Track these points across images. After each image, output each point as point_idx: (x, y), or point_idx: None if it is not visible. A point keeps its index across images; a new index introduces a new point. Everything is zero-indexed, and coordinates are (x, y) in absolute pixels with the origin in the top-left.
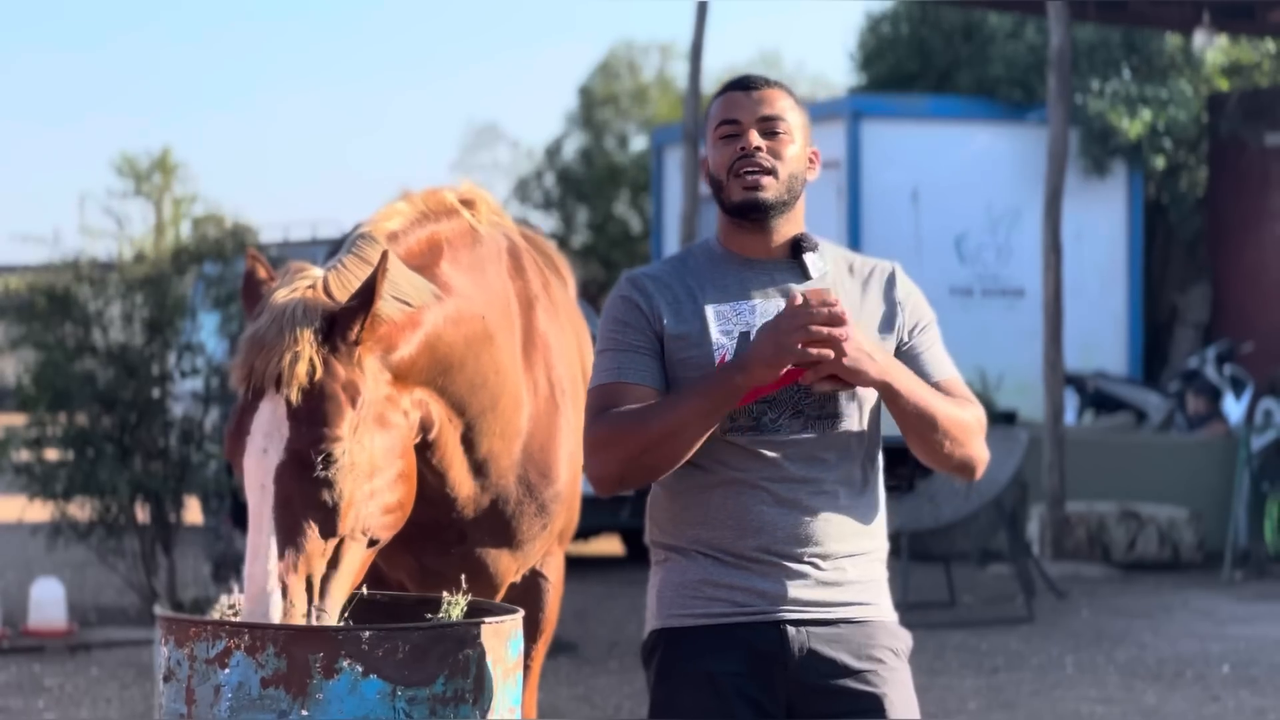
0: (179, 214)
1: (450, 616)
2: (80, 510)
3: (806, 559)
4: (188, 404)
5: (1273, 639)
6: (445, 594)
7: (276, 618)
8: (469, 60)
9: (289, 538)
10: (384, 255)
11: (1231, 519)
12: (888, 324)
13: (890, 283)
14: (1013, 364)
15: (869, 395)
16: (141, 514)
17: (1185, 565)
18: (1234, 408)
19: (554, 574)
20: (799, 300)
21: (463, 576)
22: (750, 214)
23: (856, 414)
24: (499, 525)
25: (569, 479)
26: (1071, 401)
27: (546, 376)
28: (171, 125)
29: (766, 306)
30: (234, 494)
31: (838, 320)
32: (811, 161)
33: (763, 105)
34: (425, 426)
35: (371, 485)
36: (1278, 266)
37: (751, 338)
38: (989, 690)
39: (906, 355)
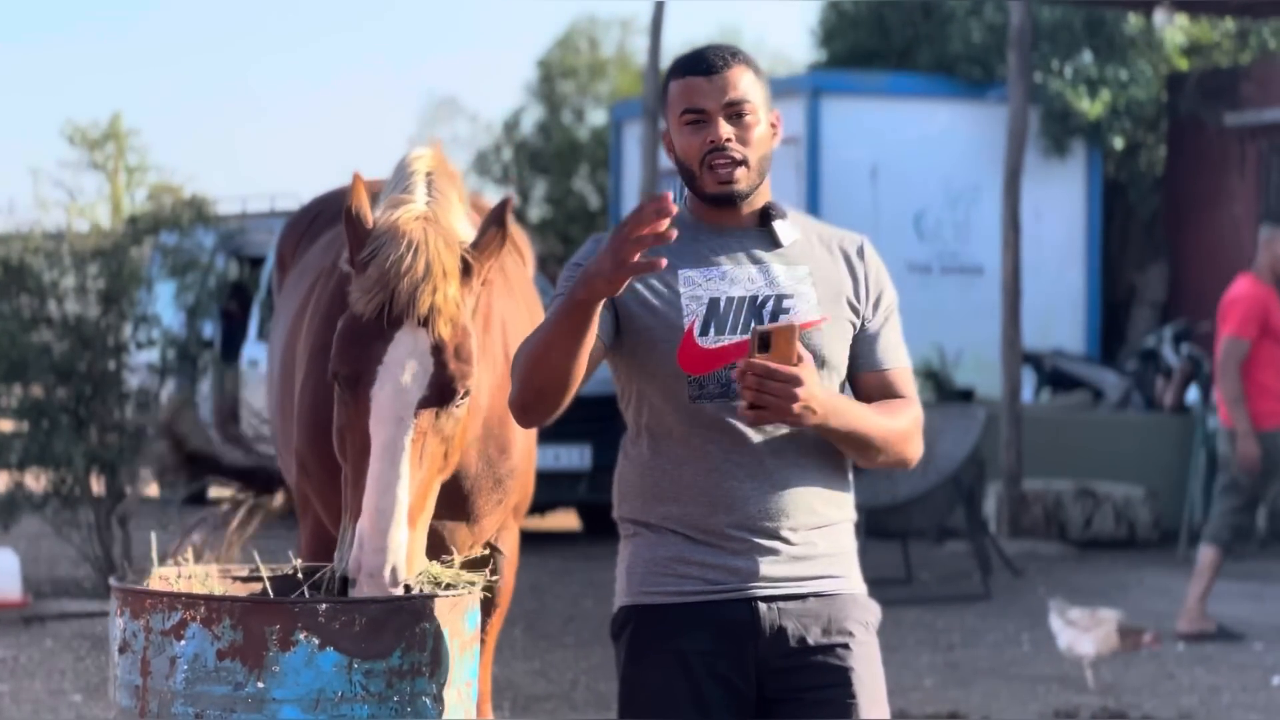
0: (132, 183)
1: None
2: (35, 481)
3: (778, 534)
4: (144, 375)
5: (1227, 617)
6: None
7: (401, 573)
8: (428, 33)
9: (420, 467)
10: (506, 201)
11: (1187, 498)
12: (852, 294)
13: (859, 254)
14: (971, 341)
15: (839, 364)
16: (97, 485)
17: (1141, 543)
18: (1191, 387)
19: (509, 548)
20: (646, 204)
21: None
22: (725, 205)
23: (830, 375)
24: (457, 499)
25: (524, 454)
26: (1029, 379)
27: (503, 353)
28: (125, 96)
29: (736, 273)
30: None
31: (795, 381)
32: (774, 128)
33: (727, 89)
34: None
35: (477, 420)
36: (1235, 246)
37: (720, 305)
38: (945, 667)
39: (863, 337)
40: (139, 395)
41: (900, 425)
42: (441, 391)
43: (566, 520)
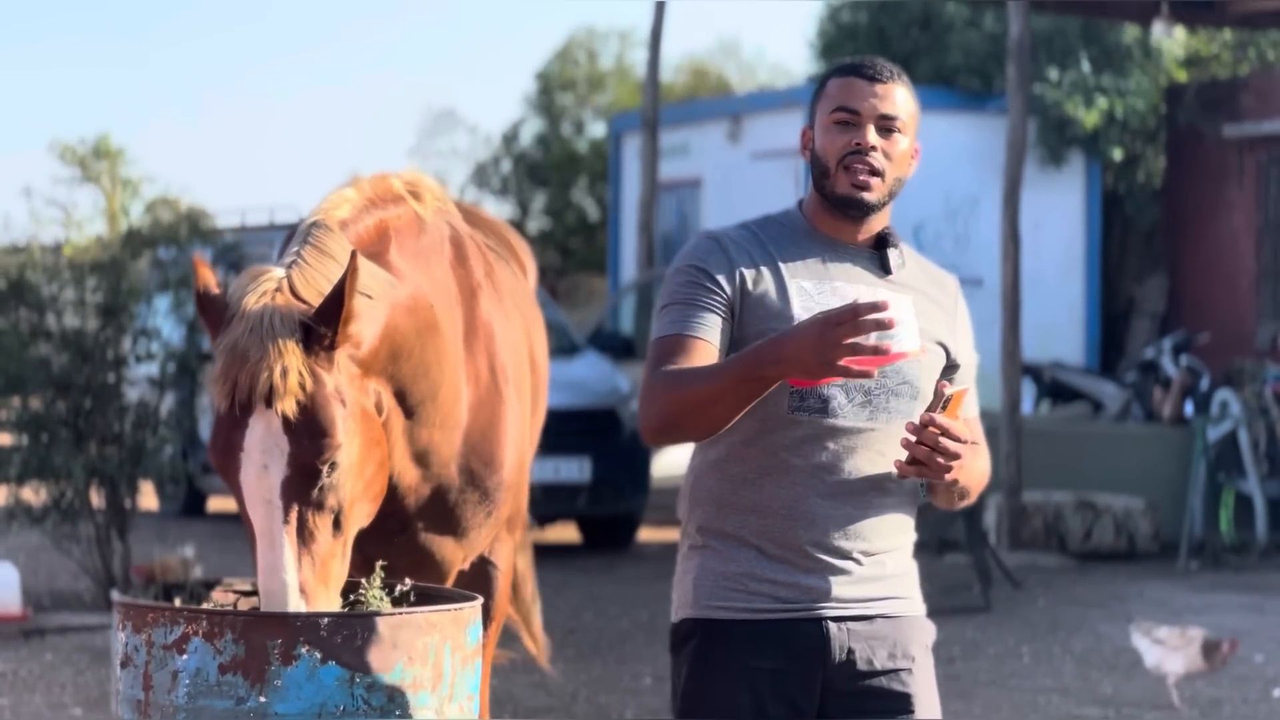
0: (127, 196)
1: (369, 605)
2: (34, 495)
3: (852, 555)
4: (143, 389)
5: (1228, 629)
6: (363, 580)
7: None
8: (427, 45)
9: (305, 547)
10: (353, 255)
11: (1187, 509)
12: (947, 334)
13: (955, 299)
14: None
15: (927, 398)
16: (96, 499)
17: (1141, 555)
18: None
19: (503, 561)
20: (859, 304)
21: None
22: (851, 210)
23: (919, 407)
24: (442, 514)
25: (514, 466)
26: (1028, 391)
27: (489, 364)
28: (119, 112)
29: (847, 291)
30: (189, 478)
31: (957, 455)
32: (914, 157)
33: (885, 101)
34: (379, 413)
35: (364, 479)
36: (1234, 257)
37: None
38: (945, 679)
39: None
40: (138, 408)
41: (986, 470)
42: (303, 470)
43: (566, 533)
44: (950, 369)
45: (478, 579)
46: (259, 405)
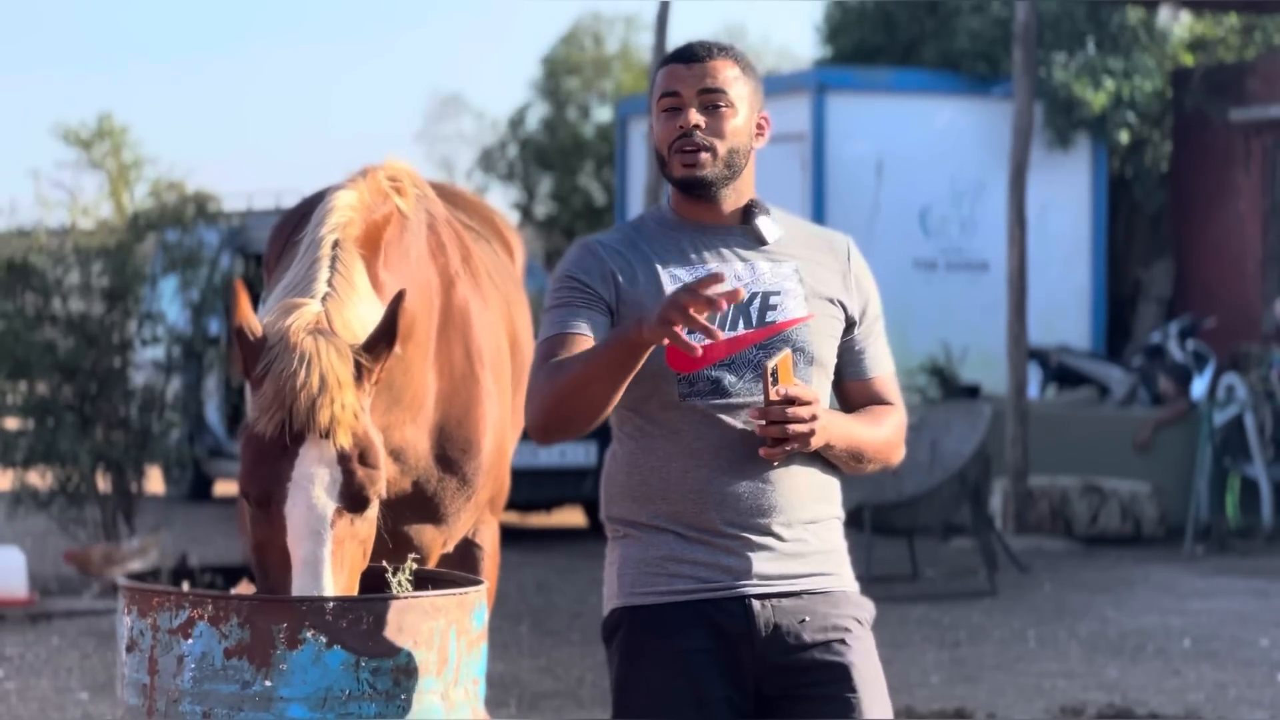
0: (130, 178)
1: (403, 588)
2: (41, 479)
3: (770, 530)
4: (149, 373)
5: (1234, 613)
6: (385, 564)
7: None
8: (433, 29)
9: (342, 576)
10: (399, 300)
11: (1193, 494)
12: (840, 296)
13: (846, 256)
14: (976, 338)
15: (826, 362)
16: (102, 483)
17: (1147, 540)
18: (1197, 383)
19: (488, 543)
20: (700, 285)
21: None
22: (691, 190)
23: (815, 379)
24: (421, 502)
25: (493, 448)
26: (1035, 375)
27: (464, 349)
28: (127, 91)
29: (722, 270)
30: (195, 462)
31: (812, 405)
32: (760, 129)
33: (705, 77)
34: None
35: None
36: (1241, 242)
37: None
38: (951, 664)
39: (850, 346)
40: (144, 393)
41: (887, 434)
42: (353, 499)
43: (573, 517)
44: (850, 325)
45: (464, 561)
46: (314, 435)
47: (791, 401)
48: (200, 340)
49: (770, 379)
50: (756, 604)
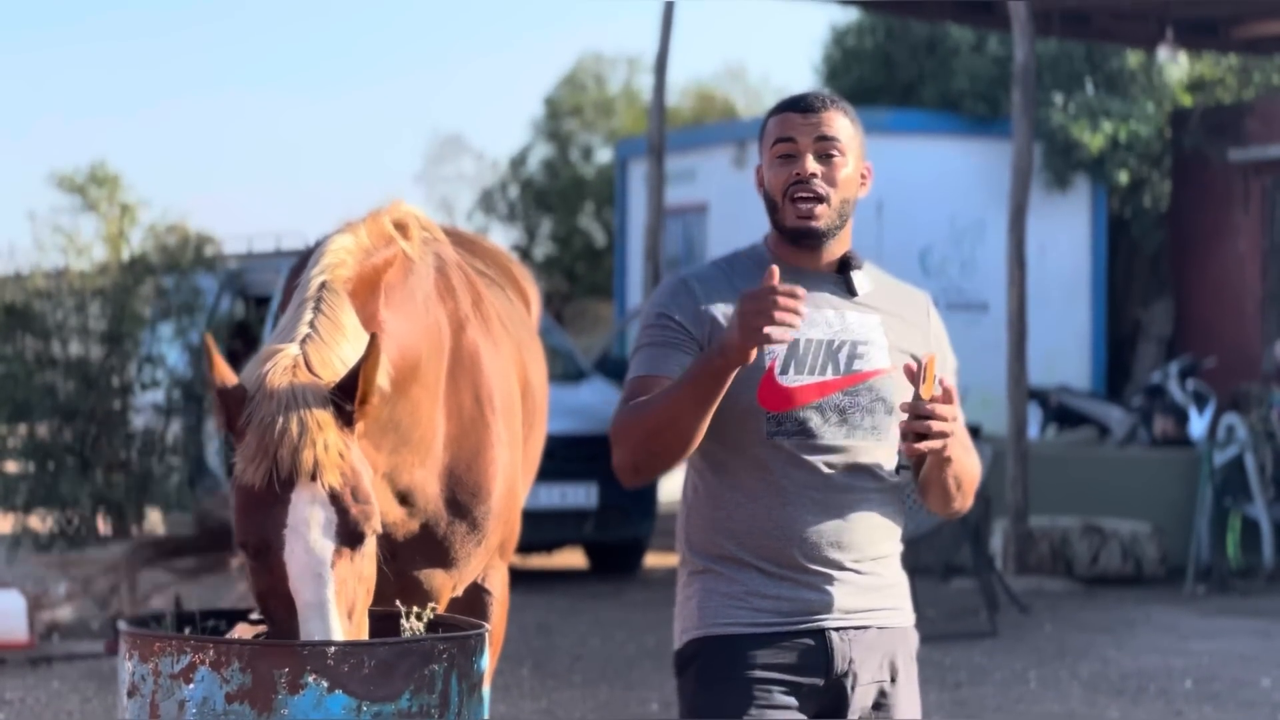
0: (126, 223)
1: (414, 630)
2: (41, 522)
3: (847, 565)
4: (149, 416)
5: (1235, 654)
6: (400, 605)
7: None
8: (435, 70)
9: (346, 615)
10: (373, 340)
11: (1194, 534)
12: (920, 349)
13: (926, 313)
14: (976, 378)
15: (901, 414)
16: (103, 526)
17: (1148, 580)
18: (1197, 423)
19: (497, 588)
20: (777, 285)
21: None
22: (803, 240)
23: (893, 429)
24: (430, 545)
25: (503, 493)
26: (1035, 416)
27: (474, 394)
28: (126, 136)
29: (815, 316)
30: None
31: (953, 418)
32: (864, 179)
33: (820, 126)
34: None
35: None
36: (1240, 282)
37: (800, 345)
38: (952, 704)
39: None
40: (144, 435)
41: (976, 477)
42: (350, 536)
43: (573, 558)
44: None
45: (472, 606)
46: (303, 480)
47: (948, 399)
48: (200, 383)
49: (922, 376)
50: (835, 636)
